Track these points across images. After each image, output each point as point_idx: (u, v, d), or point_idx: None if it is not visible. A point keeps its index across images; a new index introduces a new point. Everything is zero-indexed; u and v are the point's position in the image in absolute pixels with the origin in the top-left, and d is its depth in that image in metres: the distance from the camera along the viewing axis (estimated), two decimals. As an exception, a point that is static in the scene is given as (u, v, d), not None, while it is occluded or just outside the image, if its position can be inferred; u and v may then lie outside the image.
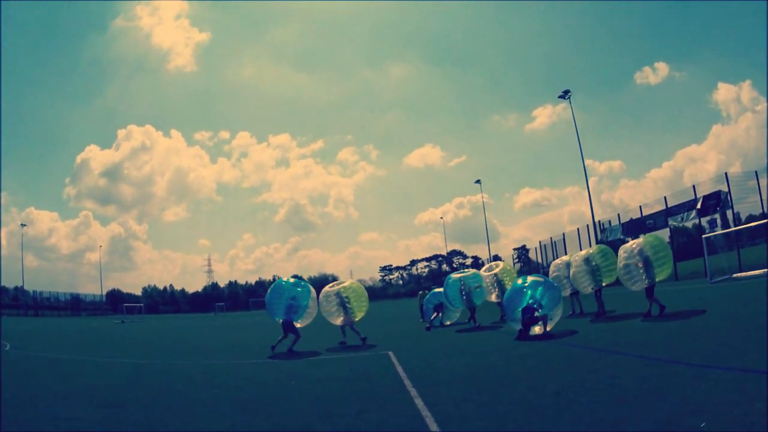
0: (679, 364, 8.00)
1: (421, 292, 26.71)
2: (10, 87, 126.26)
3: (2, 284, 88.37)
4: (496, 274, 21.06)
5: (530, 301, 13.99)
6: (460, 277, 20.53)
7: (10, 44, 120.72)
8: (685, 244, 41.37)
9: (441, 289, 21.58)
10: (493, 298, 20.99)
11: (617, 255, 15.94)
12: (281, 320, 15.51)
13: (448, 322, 20.52)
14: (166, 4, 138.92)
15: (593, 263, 17.37)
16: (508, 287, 19.03)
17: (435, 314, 21.37)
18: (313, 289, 16.36)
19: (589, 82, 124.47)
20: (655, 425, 5.16)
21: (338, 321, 16.75)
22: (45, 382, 11.18)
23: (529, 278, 15.29)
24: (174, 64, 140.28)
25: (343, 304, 16.69)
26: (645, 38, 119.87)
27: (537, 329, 13.96)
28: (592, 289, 17.53)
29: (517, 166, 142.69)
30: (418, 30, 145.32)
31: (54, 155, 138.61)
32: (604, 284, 17.55)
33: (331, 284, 17.89)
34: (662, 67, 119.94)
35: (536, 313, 13.81)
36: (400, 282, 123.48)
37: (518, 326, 14.02)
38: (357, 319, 16.95)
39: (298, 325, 15.61)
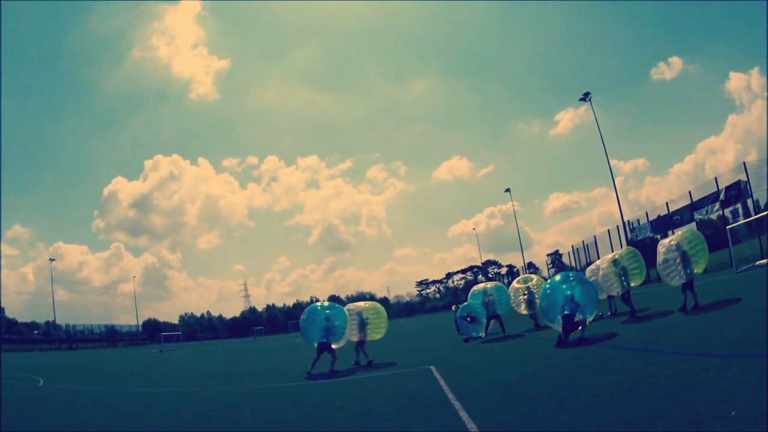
0: (709, 357, 8.14)
1: (454, 306, 26.77)
2: (32, 123, 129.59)
3: (33, 319, 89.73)
4: (529, 288, 21.13)
5: (569, 301, 13.83)
6: (483, 288, 20.86)
7: (30, 81, 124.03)
8: (711, 237, 41.17)
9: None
10: (522, 309, 21.18)
11: (655, 252, 16.08)
12: (317, 343, 15.75)
13: (482, 334, 20.57)
14: (182, 32, 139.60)
15: (621, 265, 17.30)
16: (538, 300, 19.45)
17: (470, 321, 21.18)
18: (346, 312, 16.75)
19: (607, 83, 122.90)
20: (690, 418, 5.32)
21: (355, 338, 16.89)
22: (83, 416, 11.28)
23: (568, 277, 15.13)
24: (196, 93, 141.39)
25: (363, 324, 17.10)
26: (657, 34, 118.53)
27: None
28: (620, 292, 17.40)
29: (544, 172, 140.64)
30: (437, 43, 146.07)
31: (80, 189, 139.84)
32: (633, 285, 17.44)
33: (355, 303, 18.23)
34: (676, 62, 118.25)
35: (576, 318, 13.76)
36: (437, 295, 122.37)
37: (559, 328, 13.97)
38: (371, 339, 17.18)
39: (334, 347, 15.83)
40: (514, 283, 22.27)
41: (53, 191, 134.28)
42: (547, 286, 15.35)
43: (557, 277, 15.44)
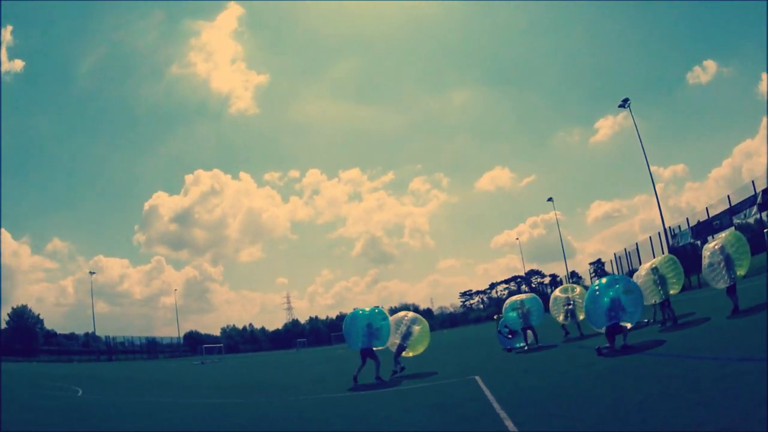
0: (749, 361, 8.17)
1: (496, 316, 26.52)
2: (73, 141, 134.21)
3: (72, 331, 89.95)
4: (570, 298, 21.11)
5: (615, 305, 13.78)
6: (517, 299, 21.02)
7: (71, 99, 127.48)
8: (749, 240, 40.94)
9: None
10: (561, 318, 21.22)
11: (696, 258, 16.06)
12: (360, 349, 15.86)
13: (524, 345, 20.25)
14: (220, 48, 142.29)
15: (659, 273, 17.09)
16: (580, 312, 19.69)
17: (512, 337, 21.14)
18: (386, 313, 17.00)
19: (644, 89, 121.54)
20: (732, 423, 5.47)
21: (395, 343, 17.03)
22: (122, 427, 11.35)
23: (615, 280, 15.29)
24: (235, 108, 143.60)
25: (408, 335, 17.30)
26: (690, 37, 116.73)
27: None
28: (657, 300, 17.22)
29: (585, 180, 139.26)
30: (475, 53, 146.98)
31: (120, 204, 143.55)
32: (671, 293, 17.25)
33: (405, 312, 18.50)
34: (711, 65, 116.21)
35: (621, 322, 13.75)
36: (481, 306, 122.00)
37: (602, 331, 14.05)
38: (413, 353, 17.47)
39: (375, 350, 15.93)
40: (557, 292, 22.33)
41: (94, 207, 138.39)
42: (595, 287, 15.26)
43: (603, 280, 15.53)
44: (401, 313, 18.36)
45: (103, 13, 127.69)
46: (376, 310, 17.17)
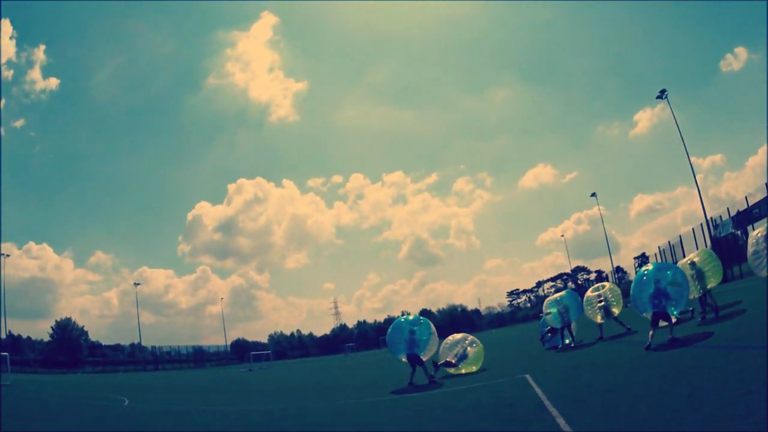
0: None
1: (542, 315, 26.46)
2: (114, 156, 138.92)
3: (117, 342, 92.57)
4: (601, 295, 21.13)
5: (660, 292, 13.88)
6: (556, 298, 21.29)
7: (112, 114, 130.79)
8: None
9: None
10: (599, 318, 20.99)
11: (738, 248, 15.78)
12: (405, 356, 16.15)
13: (569, 341, 20.69)
14: (256, 58, 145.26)
15: (697, 267, 16.97)
16: (614, 307, 20.19)
17: (552, 336, 21.47)
18: (431, 324, 17.06)
19: (679, 79, 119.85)
20: None
21: (449, 361, 17.26)
22: None
23: (663, 267, 15.36)
24: (276, 116, 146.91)
25: (464, 356, 17.40)
26: (720, 25, 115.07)
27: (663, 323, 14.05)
28: (696, 295, 16.90)
29: (627, 174, 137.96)
30: (511, 51, 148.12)
31: (164, 215, 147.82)
32: (709, 287, 16.99)
33: (465, 335, 18.75)
34: (742, 52, 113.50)
35: (669, 310, 13.86)
36: (528, 305, 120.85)
37: (648, 317, 14.15)
38: (463, 371, 17.37)
39: (423, 358, 16.20)
40: (588, 293, 22.16)
41: (137, 219, 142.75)
42: (643, 272, 15.23)
43: (650, 266, 15.57)
44: (460, 336, 18.62)
45: (136, 29, 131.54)
46: (421, 320, 17.35)
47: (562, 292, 22.10)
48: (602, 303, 20.83)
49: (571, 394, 9.78)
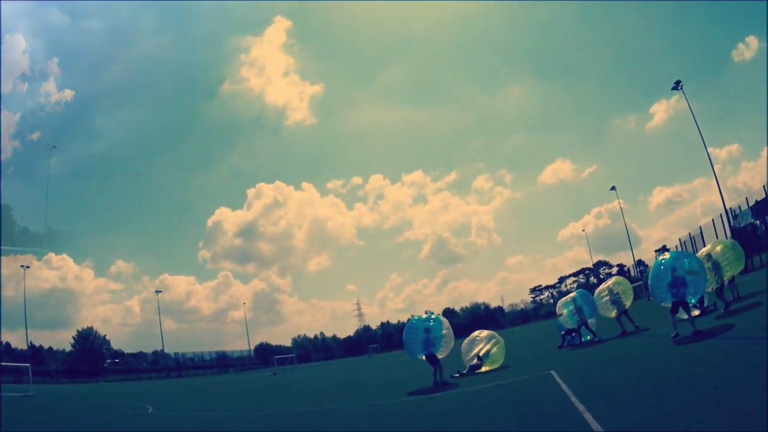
0: None
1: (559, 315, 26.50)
2: (132, 164, 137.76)
3: (140, 350, 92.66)
4: (609, 288, 21.24)
5: (678, 281, 13.87)
6: (569, 298, 21.39)
7: (127, 122, 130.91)
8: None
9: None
10: (612, 313, 20.97)
11: (758, 238, 15.72)
12: (423, 355, 16.19)
13: (590, 337, 20.73)
14: (271, 62, 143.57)
15: (713, 260, 16.95)
16: (624, 299, 20.23)
17: (572, 338, 21.25)
18: (445, 320, 17.02)
19: (692, 69, 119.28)
20: None
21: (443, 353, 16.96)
22: None
23: (682, 256, 15.57)
24: (293, 120, 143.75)
25: (486, 355, 17.43)
26: (729, 14, 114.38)
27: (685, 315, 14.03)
28: (715, 286, 16.89)
29: (645, 167, 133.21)
30: (525, 48, 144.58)
31: (183, 222, 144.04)
32: (726, 278, 17.01)
33: (479, 332, 18.99)
34: (753, 41, 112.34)
35: (687, 297, 13.90)
36: (551, 301, 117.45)
37: (667, 306, 14.17)
38: (486, 368, 17.44)
39: (440, 356, 16.23)
40: (598, 290, 22.23)
41: (156, 227, 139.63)
42: (660, 262, 15.15)
43: (667, 255, 15.56)
44: (482, 333, 18.84)
45: (151, 38, 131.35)
46: (432, 317, 17.38)
47: (573, 293, 22.18)
48: (607, 298, 20.94)
49: (597, 389, 9.84)
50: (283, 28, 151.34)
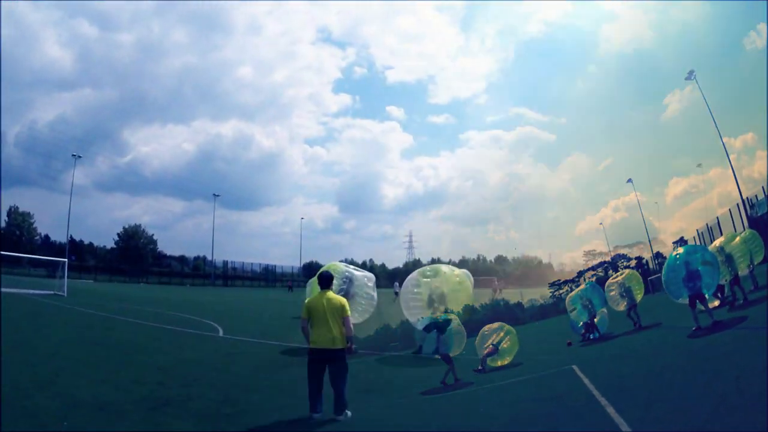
0: None
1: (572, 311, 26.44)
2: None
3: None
4: (611, 283, 21.14)
5: (693, 275, 14.12)
6: (577, 293, 21.44)
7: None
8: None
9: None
10: (621, 306, 20.57)
11: None
12: (438, 356, 15.57)
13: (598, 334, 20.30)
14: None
15: (726, 253, 16.82)
16: (636, 292, 19.88)
17: (588, 332, 20.67)
18: (455, 317, 16.75)
19: (704, 59, 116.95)
20: None
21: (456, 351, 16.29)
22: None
23: (695, 250, 15.62)
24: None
25: (499, 345, 17.27)
26: (740, 3, 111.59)
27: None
28: (728, 278, 16.67)
29: (661, 158, 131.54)
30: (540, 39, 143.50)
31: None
32: (740, 270, 16.84)
33: (500, 323, 18.37)
34: (764, 28, 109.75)
35: (703, 290, 14.09)
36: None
37: (684, 302, 14.30)
38: (499, 363, 17.04)
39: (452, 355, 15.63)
40: (608, 283, 21.96)
41: None
42: (674, 256, 15.31)
43: (680, 250, 15.66)
44: (485, 328, 18.39)
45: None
46: (445, 319, 16.69)
47: (581, 287, 22.42)
48: (614, 291, 20.72)
49: (619, 384, 9.91)
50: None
